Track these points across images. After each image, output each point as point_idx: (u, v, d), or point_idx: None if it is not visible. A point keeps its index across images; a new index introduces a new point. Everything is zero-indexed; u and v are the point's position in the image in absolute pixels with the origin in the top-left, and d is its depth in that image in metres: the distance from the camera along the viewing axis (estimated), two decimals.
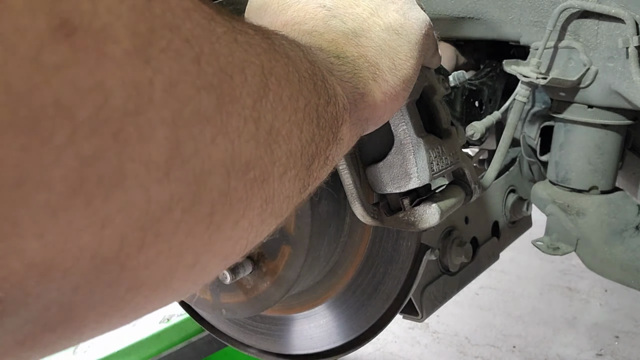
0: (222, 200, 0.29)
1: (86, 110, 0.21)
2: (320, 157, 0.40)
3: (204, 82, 0.27)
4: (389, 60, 0.52)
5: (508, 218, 1.13)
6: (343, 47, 0.49)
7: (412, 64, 0.54)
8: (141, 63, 0.23)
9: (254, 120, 0.31)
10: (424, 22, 0.57)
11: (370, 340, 0.87)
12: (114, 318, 0.27)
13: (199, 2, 0.28)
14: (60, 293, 0.23)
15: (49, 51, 0.20)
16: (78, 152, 0.21)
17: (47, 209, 0.21)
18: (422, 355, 2.36)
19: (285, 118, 0.34)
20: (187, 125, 0.25)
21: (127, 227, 0.24)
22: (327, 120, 0.41)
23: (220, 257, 0.32)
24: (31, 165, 0.20)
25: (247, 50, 0.31)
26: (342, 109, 0.44)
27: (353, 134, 0.49)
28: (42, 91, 0.20)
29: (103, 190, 0.22)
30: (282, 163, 0.34)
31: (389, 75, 0.51)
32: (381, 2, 0.54)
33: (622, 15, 0.85)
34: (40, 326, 0.23)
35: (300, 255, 0.74)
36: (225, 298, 0.82)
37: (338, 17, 0.51)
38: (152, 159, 0.24)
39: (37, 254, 0.21)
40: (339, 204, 0.78)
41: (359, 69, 0.49)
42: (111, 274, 0.24)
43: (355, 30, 0.51)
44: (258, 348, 0.98)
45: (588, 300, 2.73)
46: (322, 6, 0.52)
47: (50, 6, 0.20)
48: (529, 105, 1.14)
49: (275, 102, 0.33)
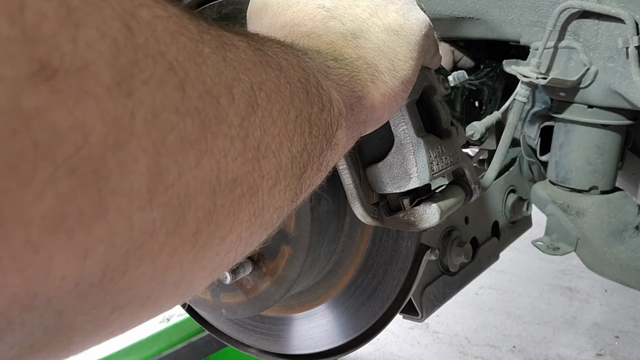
0: (208, 218, 0.28)
1: (66, 151, 0.21)
2: (313, 165, 0.40)
3: (188, 107, 0.26)
4: (388, 61, 0.51)
5: (508, 218, 1.12)
6: (341, 49, 0.49)
7: (411, 65, 0.53)
8: (122, 97, 0.23)
9: (241, 139, 0.30)
10: (424, 22, 0.57)
11: (371, 340, 0.87)
12: (100, 335, 0.27)
13: (186, 22, 0.28)
14: (44, 319, 0.23)
15: (28, 96, 0.20)
16: (58, 190, 0.21)
17: (27, 246, 0.21)
18: (422, 355, 2.36)
19: (275, 132, 0.34)
20: (169, 152, 0.25)
21: (110, 255, 0.24)
22: (321, 128, 0.41)
23: (207, 271, 0.32)
24: (11, 206, 0.20)
25: (235, 67, 0.31)
26: (337, 114, 0.44)
27: (349, 137, 0.48)
28: (22, 136, 0.20)
29: (84, 224, 0.22)
30: (271, 176, 0.34)
31: (388, 76, 0.51)
32: (381, 3, 0.54)
33: (622, 15, 0.85)
34: (26, 348, 0.24)
35: (300, 255, 0.74)
36: (225, 298, 0.82)
37: (337, 18, 0.51)
38: (134, 190, 0.24)
39: (19, 288, 0.21)
40: (339, 204, 0.78)
41: (357, 71, 0.49)
42: (95, 298, 0.24)
43: (354, 31, 0.51)
44: (258, 348, 0.98)
45: (588, 300, 2.73)
46: (321, 7, 0.52)
47: (29, 51, 0.20)
48: (529, 105, 1.14)
49: (264, 118, 0.33)
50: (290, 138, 0.36)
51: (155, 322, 1.91)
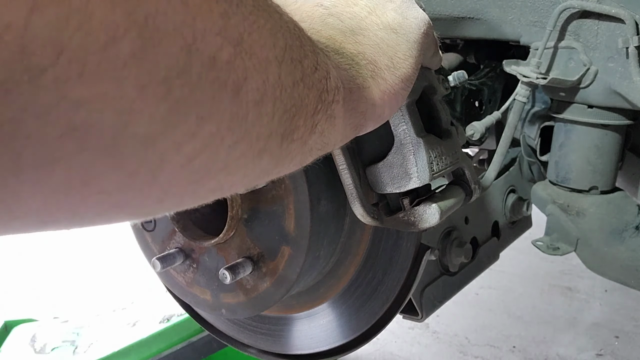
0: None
1: None
2: (306, 118, 0.39)
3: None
4: (388, 59, 0.51)
5: (508, 218, 1.13)
6: (341, 44, 0.49)
7: (411, 63, 0.53)
8: None
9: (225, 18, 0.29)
10: (423, 21, 0.57)
11: (371, 340, 0.87)
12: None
13: None
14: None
15: None
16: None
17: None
18: (422, 355, 2.36)
19: (261, 42, 0.33)
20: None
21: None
22: (315, 83, 0.39)
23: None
24: None
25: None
26: (334, 86, 0.43)
27: (348, 122, 0.47)
28: None
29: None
30: (257, 86, 0.32)
31: (388, 73, 0.51)
32: (379, 1, 0.54)
33: (622, 15, 0.85)
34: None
35: (300, 255, 0.74)
36: (225, 298, 0.82)
37: (335, 15, 0.51)
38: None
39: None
40: (339, 204, 0.78)
41: (358, 65, 0.48)
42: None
43: (353, 28, 0.51)
44: (258, 348, 0.98)
45: (588, 300, 2.73)
46: (319, 5, 0.51)
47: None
48: (529, 105, 1.14)
49: (250, 18, 0.31)
50: (279, 63, 0.34)
51: (155, 322, 1.91)
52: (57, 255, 3.28)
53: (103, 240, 3.33)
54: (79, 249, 3.33)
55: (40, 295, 2.86)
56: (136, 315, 1.99)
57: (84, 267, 3.14)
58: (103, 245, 3.31)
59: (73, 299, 2.79)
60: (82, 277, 3.03)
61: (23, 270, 3.12)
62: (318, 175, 0.74)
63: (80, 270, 3.10)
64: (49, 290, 2.91)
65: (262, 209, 0.75)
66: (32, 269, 3.14)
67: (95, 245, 3.33)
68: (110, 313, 2.06)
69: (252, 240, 0.77)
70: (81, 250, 3.32)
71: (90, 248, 3.33)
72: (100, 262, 3.17)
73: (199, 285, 0.83)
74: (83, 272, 3.08)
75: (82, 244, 3.36)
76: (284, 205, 0.73)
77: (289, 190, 0.73)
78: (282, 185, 0.73)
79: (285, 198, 0.73)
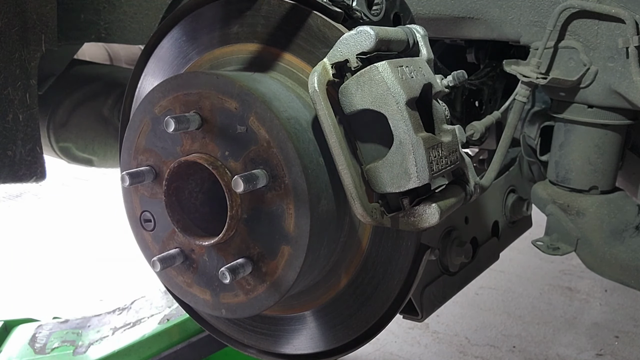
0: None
1: None
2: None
3: None
4: None
5: (508, 218, 1.13)
6: None
7: None
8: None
9: None
10: None
11: (370, 340, 0.87)
12: None
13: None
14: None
15: None
16: None
17: None
18: (422, 355, 2.36)
19: None
20: None
21: None
22: None
23: None
24: None
25: None
26: None
27: None
28: None
29: None
30: None
31: None
32: None
33: (622, 15, 0.85)
34: None
35: (300, 255, 0.74)
36: (225, 298, 0.82)
37: None
38: None
39: None
40: (339, 204, 0.78)
41: None
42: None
43: None
44: (258, 348, 0.98)
45: (588, 300, 2.73)
46: None
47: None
48: (529, 105, 1.14)
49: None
50: None
51: (155, 322, 1.91)
52: (57, 255, 3.28)
53: (103, 240, 3.34)
54: (79, 249, 3.33)
55: (40, 295, 2.86)
56: (136, 315, 1.99)
57: (84, 267, 3.14)
58: (103, 245, 3.31)
59: (73, 299, 2.79)
60: (82, 277, 3.03)
61: (23, 270, 3.12)
62: (318, 175, 0.73)
63: (80, 270, 3.10)
64: (49, 290, 2.91)
65: (262, 209, 0.75)
66: (32, 269, 3.14)
67: (96, 245, 3.34)
68: (110, 313, 2.06)
69: (252, 240, 0.77)
70: (81, 250, 3.32)
71: (91, 248, 3.33)
72: (101, 262, 3.17)
73: (199, 285, 0.83)
74: (83, 272, 3.08)
75: (82, 244, 3.36)
76: (284, 205, 0.73)
77: (289, 190, 0.72)
78: (282, 185, 0.73)
79: (285, 198, 0.73)
